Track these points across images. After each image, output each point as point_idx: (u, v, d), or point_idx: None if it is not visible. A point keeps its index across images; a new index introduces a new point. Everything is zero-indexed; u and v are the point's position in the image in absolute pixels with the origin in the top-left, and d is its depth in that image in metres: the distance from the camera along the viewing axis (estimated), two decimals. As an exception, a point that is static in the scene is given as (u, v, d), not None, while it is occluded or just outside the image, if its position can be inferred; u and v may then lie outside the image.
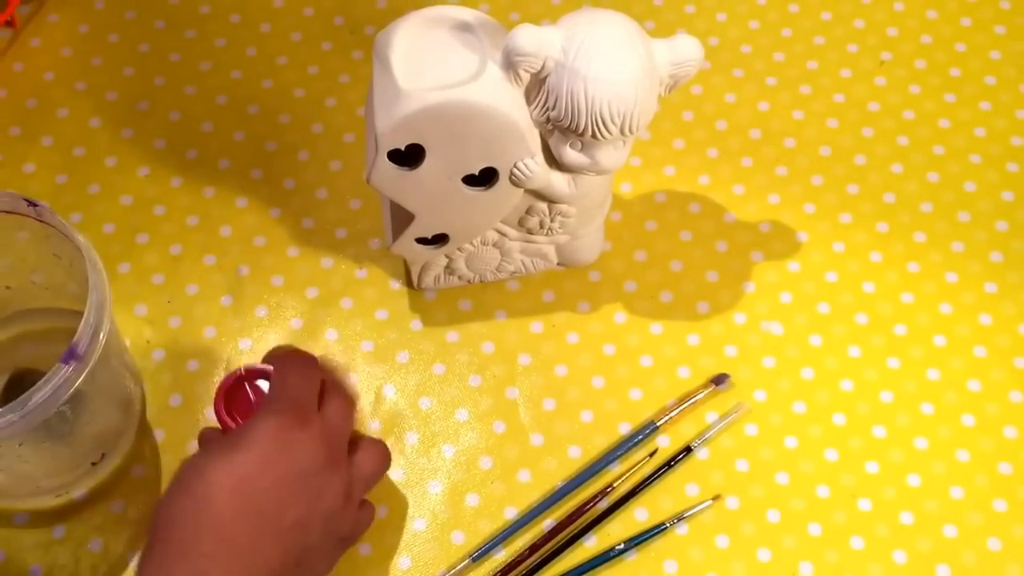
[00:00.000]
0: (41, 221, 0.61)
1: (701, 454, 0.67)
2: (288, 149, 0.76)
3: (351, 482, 0.58)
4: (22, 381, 0.67)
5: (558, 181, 0.62)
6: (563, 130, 0.58)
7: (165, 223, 0.74)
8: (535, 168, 0.60)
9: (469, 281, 0.71)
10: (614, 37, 0.56)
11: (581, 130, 0.57)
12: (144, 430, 0.68)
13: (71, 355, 0.56)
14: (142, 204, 0.74)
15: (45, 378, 0.56)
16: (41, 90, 0.79)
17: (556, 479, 0.67)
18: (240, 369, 0.61)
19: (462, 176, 0.60)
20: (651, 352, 0.70)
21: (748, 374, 0.69)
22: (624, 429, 0.68)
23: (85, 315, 0.57)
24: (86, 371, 0.57)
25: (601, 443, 0.67)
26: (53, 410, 0.56)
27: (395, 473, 0.67)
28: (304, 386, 0.59)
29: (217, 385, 0.61)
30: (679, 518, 0.65)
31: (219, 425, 0.60)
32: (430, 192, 0.60)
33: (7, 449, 0.61)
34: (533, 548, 0.65)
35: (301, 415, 0.56)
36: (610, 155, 0.59)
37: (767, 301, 0.71)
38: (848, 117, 0.78)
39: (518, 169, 0.59)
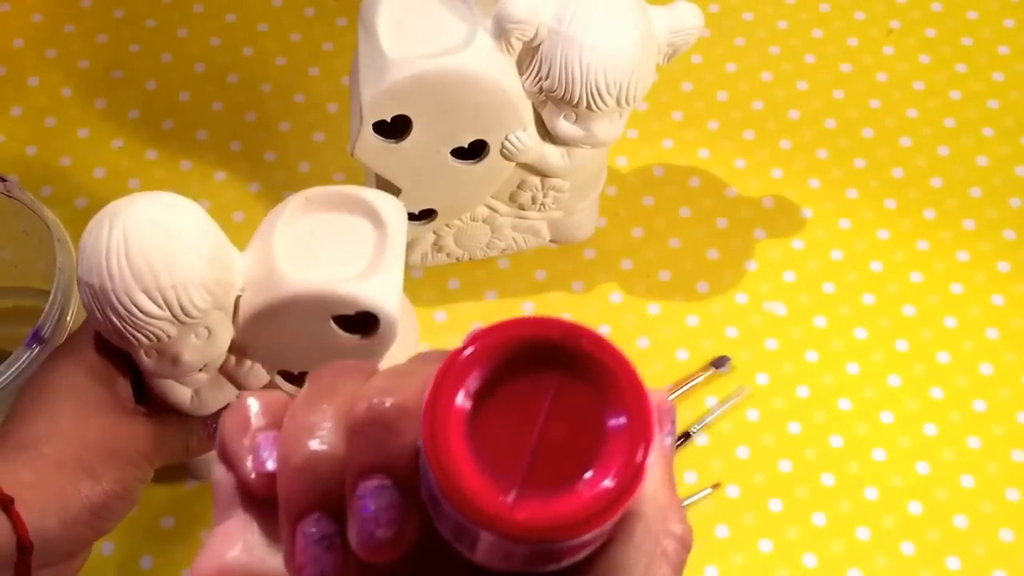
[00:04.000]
0: (9, 196, 0.60)
1: (700, 440, 0.66)
2: (269, 120, 0.76)
3: None
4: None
5: (551, 154, 0.62)
6: (557, 101, 0.58)
7: (140, 197, 0.73)
8: (527, 141, 0.59)
9: (458, 259, 0.70)
10: (610, 3, 0.55)
11: (575, 101, 0.57)
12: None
13: (35, 338, 0.56)
14: (116, 177, 0.74)
15: (7, 362, 0.55)
16: (10, 58, 0.78)
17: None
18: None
19: (451, 149, 0.59)
20: (648, 333, 0.69)
21: (749, 356, 0.68)
22: (620, 414, 0.67)
23: (51, 296, 0.57)
24: (51, 354, 0.56)
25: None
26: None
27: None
28: None
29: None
30: (677, 507, 0.64)
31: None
32: (417, 165, 0.60)
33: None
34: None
35: None
36: (606, 127, 0.59)
37: (770, 280, 0.71)
38: (855, 88, 0.77)
39: (509, 142, 0.59)
